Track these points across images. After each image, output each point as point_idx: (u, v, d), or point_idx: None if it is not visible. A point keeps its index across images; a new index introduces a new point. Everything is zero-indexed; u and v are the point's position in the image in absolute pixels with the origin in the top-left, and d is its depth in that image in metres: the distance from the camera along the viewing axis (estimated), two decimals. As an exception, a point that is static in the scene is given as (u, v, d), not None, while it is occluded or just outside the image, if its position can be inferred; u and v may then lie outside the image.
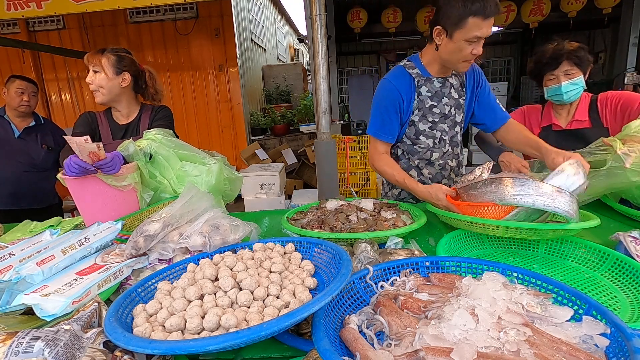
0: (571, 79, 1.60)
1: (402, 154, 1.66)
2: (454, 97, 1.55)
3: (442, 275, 0.76)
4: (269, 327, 0.52)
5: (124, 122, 1.75)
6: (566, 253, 1.02)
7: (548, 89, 1.68)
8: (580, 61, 1.59)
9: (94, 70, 1.64)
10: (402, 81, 1.50)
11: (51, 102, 6.15)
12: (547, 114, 1.79)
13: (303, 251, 0.92)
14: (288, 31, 12.39)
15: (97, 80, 1.64)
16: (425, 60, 1.51)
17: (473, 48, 1.30)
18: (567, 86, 1.61)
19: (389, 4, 5.95)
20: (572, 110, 1.73)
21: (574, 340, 0.54)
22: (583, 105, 1.70)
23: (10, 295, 0.75)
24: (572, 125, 1.71)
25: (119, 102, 1.73)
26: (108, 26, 5.78)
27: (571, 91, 1.62)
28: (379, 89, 1.57)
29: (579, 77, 1.61)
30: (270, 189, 4.19)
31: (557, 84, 1.63)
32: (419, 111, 1.53)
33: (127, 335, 0.55)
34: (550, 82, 1.66)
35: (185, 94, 5.98)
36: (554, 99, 1.70)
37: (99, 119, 1.73)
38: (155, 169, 1.48)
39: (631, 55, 5.77)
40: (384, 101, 1.53)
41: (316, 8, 2.67)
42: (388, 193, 1.80)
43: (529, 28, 5.97)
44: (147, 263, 0.93)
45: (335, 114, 6.19)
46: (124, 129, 1.74)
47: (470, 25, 1.24)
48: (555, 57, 1.61)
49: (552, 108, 1.78)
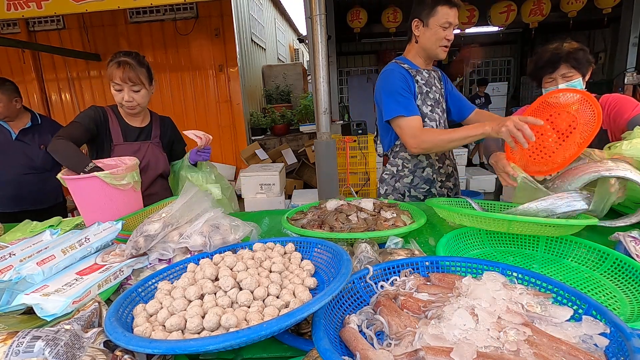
0: (569, 81, 1.60)
1: None
2: (438, 87, 1.76)
3: (442, 275, 0.76)
4: (269, 327, 0.52)
5: (138, 125, 1.73)
6: (566, 253, 1.02)
7: (546, 90, 1.67)
8: (578, 63, 1.57)
9: (134, 90, 1.58)
10: (403, 70, 1.66)
11: (51, 102, 6.15)
12: None
13: (303, 251, 0.93)
14: (288, 31, 12.39)
15: (139, 98, 1.61)
16: (410, 56, 1.72)
17: (447, 34, 1.57)
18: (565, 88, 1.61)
19: (389, 4, 5.95)
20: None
21: (573, 340, 0.54)
22: None
23: (11, 295, 0.75)
24: None
25: (144, 109, 1.73)
26: (108, 26, 5.78)
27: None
28: (386, 77, 1.65)
29: (577, 79, 1.59)
30: (270, 189, 4.19)
31: (554, 87, 1.63)
32: (421, 95, 1.67)
33: (127, 335, 0.55)
34: (548, 84, 1.66)
35: (185, 94, 5.98)
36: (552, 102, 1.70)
37: (110, 117, 1.67)
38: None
39: (631, 55, 5.77)
40: (397, 83, 1.61)
41: (316, 8, 2.67)
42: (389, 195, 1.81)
43: (529, 28, 5.99)
44: (147, 263, 0.93)
45: (335, 114, 6.19)
46: (138, 133, 1.72)
47: (440, 12, 1.54)
48: (552, 60, 1.61)
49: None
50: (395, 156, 1.78)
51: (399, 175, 1.78)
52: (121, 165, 1.48)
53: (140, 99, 1.61)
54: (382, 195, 1.84)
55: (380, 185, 1.86)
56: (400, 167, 1.77)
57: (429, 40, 1.61)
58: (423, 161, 1.75)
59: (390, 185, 1.80)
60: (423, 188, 1.77)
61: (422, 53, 1.68)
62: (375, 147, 4.51)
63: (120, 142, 1.66)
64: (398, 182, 1.78)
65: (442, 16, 1.54)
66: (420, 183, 1.77)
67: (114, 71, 1.55)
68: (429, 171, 1.77)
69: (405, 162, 1.76)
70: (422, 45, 1.64)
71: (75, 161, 1.40)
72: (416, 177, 1.76)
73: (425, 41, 1.62)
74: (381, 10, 6.01)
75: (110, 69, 1.56)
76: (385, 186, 1.83)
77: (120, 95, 1.58)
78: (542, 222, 0.95)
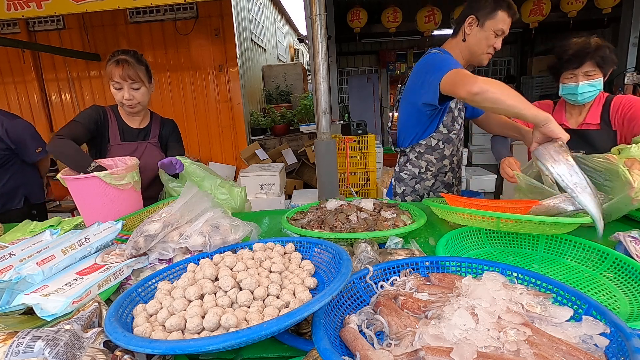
0: (590, 80, 1.52)
1: (437, 144, 1.68)
2: None
3: (442, 275, 0.76)
4: (269, 327, 0.52)
5: (137, 126, 1.72)
6: (566, 252, 1.02)
7: (564, 86, 1.59)
8: (604, 62, 1.50)
9: (135, 88, 1.58)
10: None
11: (51, 102, 6.14)
12: (558, 112, 1.71)
13: (303, 251, 0.93)
14: (288, 31, 12.38)
15: (139, 96, 1.60)
16: (453, 54, 1.59)
17: (497, 41, 1.52)
18: (584, 87, 1.53)
19: (389, 4, 5.95)
20: (584, 112, 1.65)
21: (573, 340, 0.54)
22: (596, 108, 1.62)
23: (11, 295, 0.75)
24: (581, 127, 1.65)
25: (144, 109, 1.71)
26: (108, 26, 5.77)
27: (587, 92, 1.54)
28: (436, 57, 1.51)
29: (599, 78, 1.53)
30: (270, 189, 4.19)
31: (574, 83, 1.54)
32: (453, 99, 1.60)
33: (127, 335, 0.55)
34: (567, 80, 1.57)
35: (185, 94, 5.97)
36: (568, 98, 1.62)
37: (109, 117, 1.66)
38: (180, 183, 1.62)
39: (631, 55, 5.77)
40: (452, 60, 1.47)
41: (316, 8, 2.67)
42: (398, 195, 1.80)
43: (529, 28, 5.97)
44: (147, 263, 0.93)
45: (335, 114, 6.19)
46: (137, 133, 1.71)
47: (499, 17, 1.47)
48: (579, 55, 1.52)
49: (565, 107, 1.70)
50: (420, 157, 1.73)
51: (421, 178, 1.75)
52: (119, 165, 1.48)
53: (140, 97, 1.60)
54: (398, 195, 1.80)
55: (397, 185, 1.81)
56: (424, 170, 1.74)
57: (480, 43, 1.53)
58: (447, 166, 1.74)
59: (409, 186, 1.78)
60: (443, 192, 1.78)
61: (467, 54, 1.59)
62: (389, 144, 4.49)
63: (117, 142, 1.65)
64: (418, 184, 1.76)
65: (499, 21, 1.48)
66: (441, 187, 1.77)
67: (113, 69, 1.54)
68: (450, 176, 1.77)
69: (430, 165, 1.73)
70: (470, 46, 1.56)
71: (77, 160, 1.39)
72: (438, 181, 1.76)
73: (475, 42, 1.54)
74: (381, 10, 6.00)
75: (109, 67, 1.55)
76: (403, 186, 1.79)
77: (120, 93, 1.57)
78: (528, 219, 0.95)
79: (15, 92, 6.00)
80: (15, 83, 5.95)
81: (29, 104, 6.05)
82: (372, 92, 8.27)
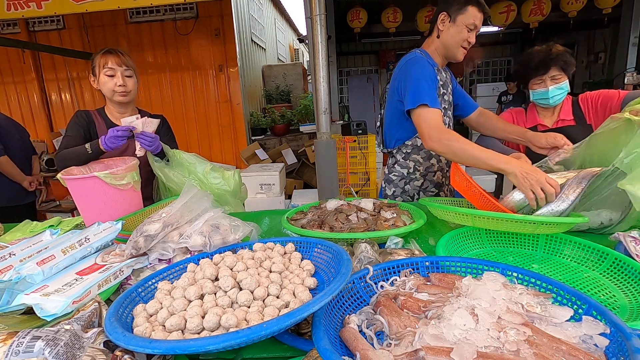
0: (557, 83, 1.65)
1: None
2: (449, 89, 1.73)
3: (442, 275, 0.76)
4: (269, 327, 0.52)
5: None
6: (565, 253, 1.02)
7: (534, 92, 1.72)
8: (566, 65, 1.64)
9: (127, 75, 1.62)
10: (430, 63, 1.61)
11: (51, 102, 6.14)
12: (531, 115, 1.83)
13: (303, 251, 0.93)
14: (288, 31, 12.38)
15: (131, 84, 1.64)
16: (430, 51, 1.65)
17: (470, 36, 1.55)
18: (554, 90, 1.66)
19: (389, 4, 5.95)
20: (556, 111, 1.78)
21: (573, 340, 0.54)
22: (566, 106, 1.76)
23: (11, 295, 0.75)
24: (557, 124, 1.76)
25: (131, 104, 1.73)
26: (108, 26, 5.77)
27: (557, 95, 1.67)
28: (414, 63, 1.56)
29: (565, 81, 1.66)
30: (270, 189, 4.19)
31: (544, 88, 1.67)
32: (438, 97, 1.60)
33: (127, 335, 0.55)
34: (537, 86, 1.70)
35: (185, 94, 5.97)
36: (540, 102, 1.74)
37: (95, 119, 1.69)
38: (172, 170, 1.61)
39: (631, 55, 5.77)
40: (427, 72, 1.53)
41: (316, 8, 2.67)
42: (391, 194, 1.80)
43: (529, 28, 5.98)
44: (147, 263, 0.93)
45: (335, 114, 6.19)
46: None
47: (470, 12, 1.52)
48: (544, 62, 1.65)
49: (536, 110, 1.81)
50: (407, 158, 1.74)
51: (410, 178, 1.75)
52: (119, 165, 1.48)
53: (132, 85, 1.64)
54: (389, 197, 1.80)
55: (387, 187, 1.81)
56: (412, 170, 1.74)
57: (452, 38, 1.57)
58: (435, 165, 1.74)
59: (399, 187, 1.78)
60: (432, 192, 1.77)
61: (442, 50, 1.63)
62: (378, 145, 4.50)
63: None
64: (408, 185, 1.76)
65: (470, 16, 1.52)
66: (430, 187, 1.77)
67: (106, 57, 1.57)
68: (440, 175, 1.77)
69: (417, 165, 1.73)
70: (444, 42, 1.60)
71: (76, 155, 1.47)
72: (427, 181, 1.76)
73: (448, 38, 1.58)
74: (381, 10, 6.00)
75: (99, 59, 1.58)
76: (393, 187, 1.79)
77: (113, 81, 1.59)
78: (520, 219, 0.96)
79: (15, 92, 6.00)
80: (15, 83, 5.95)
81: (29, 104, 6.05)
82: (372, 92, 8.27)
